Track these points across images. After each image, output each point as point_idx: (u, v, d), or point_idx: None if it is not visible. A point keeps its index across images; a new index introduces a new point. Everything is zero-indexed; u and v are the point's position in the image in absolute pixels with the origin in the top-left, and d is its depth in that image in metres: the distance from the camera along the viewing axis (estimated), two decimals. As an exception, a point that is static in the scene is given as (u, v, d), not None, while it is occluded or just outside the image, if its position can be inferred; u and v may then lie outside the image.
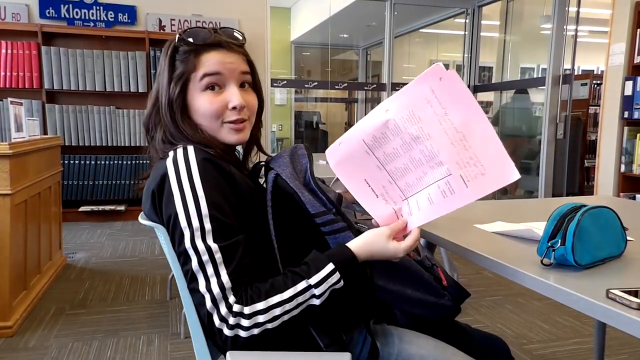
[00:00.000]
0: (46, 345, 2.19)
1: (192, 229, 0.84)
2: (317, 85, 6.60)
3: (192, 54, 0.95)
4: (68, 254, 3.52)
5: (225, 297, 0.82)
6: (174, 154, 0.90)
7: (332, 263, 0.86)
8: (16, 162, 2.31)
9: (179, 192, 0.86)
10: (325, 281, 0.85)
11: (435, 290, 1.01)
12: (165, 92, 0.96)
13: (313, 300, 0.85)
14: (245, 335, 0.82)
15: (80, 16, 4.76)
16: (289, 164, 0.96)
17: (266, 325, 0.83)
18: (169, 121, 0.96)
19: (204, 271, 0.83)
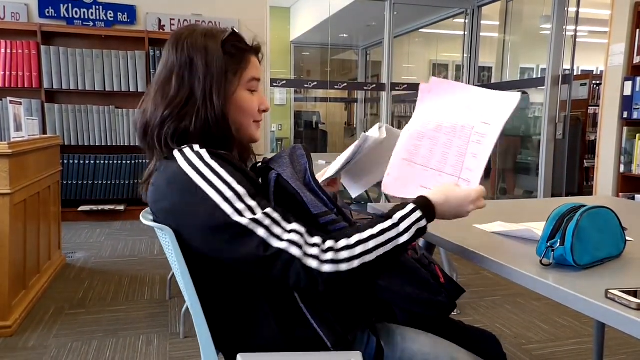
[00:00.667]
0: (45, 345, 2.19)
1: (240, 212, 0.83)
2: (317, 85, 6.60)
3: (245, 53, 0.98)
4: (67, 254, 3.52)
5: (306, 241, 0.83)
6: (182, 154, 0.89)
7: (412, 203, 0.90)
8: (15, 162, 2.31)
9: (209, 186, 0.85)
10: (408, 217, 0.88)
11: (433, 288, 1.03)
12: (218, 83, 0.94)
13: (400, 238, 0.86)
14: (346, 268, 0.82)
15: (79, 16, 4.76)
16: (289, 165, 0.97)
17: (364, 258, 0.83)
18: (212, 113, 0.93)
19: (273, 233, 0.83)
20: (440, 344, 1.01)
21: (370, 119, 8.76)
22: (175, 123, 0.92)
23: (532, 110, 6.34)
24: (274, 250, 0.82)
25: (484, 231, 1.14)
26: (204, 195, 0.84)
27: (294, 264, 0.82)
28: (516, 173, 6.38)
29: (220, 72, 0.94)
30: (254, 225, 0.83)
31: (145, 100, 0.98)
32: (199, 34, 0.96)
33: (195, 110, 0.92)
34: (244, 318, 0.94)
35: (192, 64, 0.94)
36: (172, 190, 0.88)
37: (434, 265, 1.07)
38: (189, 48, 0.94)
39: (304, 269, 0.81)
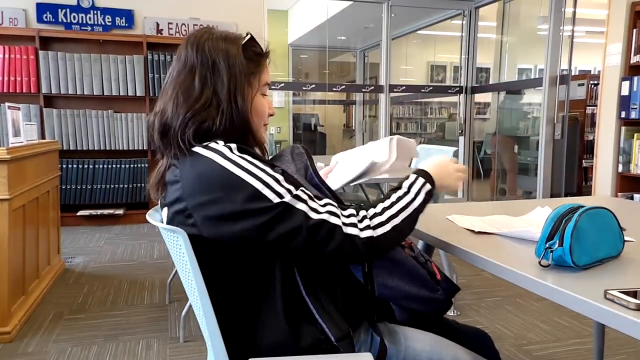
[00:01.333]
0: (45, 350, 2.19)
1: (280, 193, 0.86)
2: (315, 87, 6.61)
3: (261, 58, 1.02)
4: (66, 259, 3.52)
5: (340, 210, 0.90)
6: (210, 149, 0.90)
7: (413, 173, 1.01)
8: (14, 167, 2.31)
9: (247, 174, 0.87)
10: (415, 184, 0.98)
11: (430, 285, 1.05)
12: (242, 85, 0.96)
13: (415, 202, 0.96)
14: (381, 231, 0.90)
15: (77, 20, 4.76)
16: (291, 162, 1.00)
17: (393, 221, 0.92)
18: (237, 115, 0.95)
19: (311, 206, 0.88)
20: (442, 342, 1.03)
21: (368, 121, 8.77)
22: (198, 123, 0.93)
23: (531, 111, 6.35)
24: (316, 221, 0.87)
25: (482, 232, 1.14)
26: (243, 183, 0.86)
27: (335, 232, 0.87)
28: (516, 173, 6.39)
29: (243, 75, 0.96)
30: (295, 201, 0.87)
31: (162, 101, 0.97)
32: (218, 37, 0.98)
33: (220, 112, 0.94)
34: (253, 316, 0.94)
35: (215, 65, 0.95)
36: (210, 184, 0.87)
37: (430, 263, 1.08)
38: (210, 50, 0.95)
39: (345, 236, 0.87)
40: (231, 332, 0.96)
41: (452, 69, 8.22)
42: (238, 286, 0.94)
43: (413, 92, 7.30)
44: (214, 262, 0.93)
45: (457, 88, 6.18)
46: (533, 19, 6.25)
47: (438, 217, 1.30)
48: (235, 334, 0.96)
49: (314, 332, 0.92)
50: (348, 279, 1.02)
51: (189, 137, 0.92)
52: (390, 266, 1.02)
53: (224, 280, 0.94)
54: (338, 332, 0.92)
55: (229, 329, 0.95)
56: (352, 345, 0.93)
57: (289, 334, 0.91)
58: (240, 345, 0.96)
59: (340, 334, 0.92)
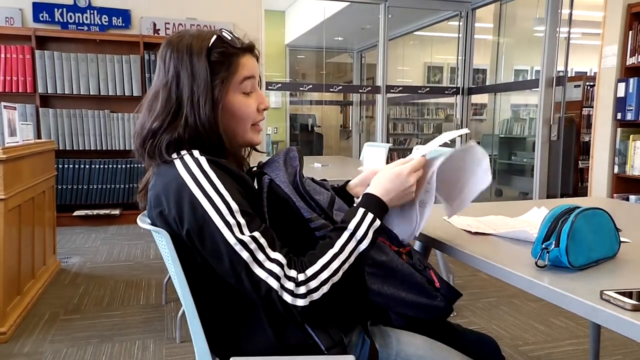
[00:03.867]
0: (40, 350, 2.18)
1: (230, 226, 0.85)
2: (312, 88, 6.61)
3: (234, 56, 0.96)
4: (62, 259, 3.50)
5: (285, 273, 0.85)
6: (182, 161, 0.90)
7: (361, 207, 0.94)
8: (10, 167, 2.30)
9: (203, 196, 0.86)
10: (362, 223, 0.92)
11: (428, 292, 1.03)
12: (205, 93, 0.93)
13: (361, 246, 0.90)
14: (318, 296, 0.85)
15: (74, 20, 4.75)
16: (282, 168, 0.98)
17: (332, 279, 0.87)
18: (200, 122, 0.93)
19: (257, 258, 0.85)
20: (436, 347, 1.01)
21: (365, 122, 8.78)
22: (169, 135, 0.93)
23: (527, 112, 6.37)
24: (255, 278, 0.85)
25: (479, 233, 1.14)
26: (197, 204, 0.86)
27: (271, 294, 0.84)
28: (510, 174, 6.41)
29: (206, 81, 0.93)
30: (240, 247, 0.84)
31: (139, 112, 1.00)
32: (185, 42, 0.95)
33: (184, 120, 0.93)
34: (239, 322, 0.94)
35: (179, 77, 0.94)
36: (167, 196, 0.89)
37: (429, 270, 1.07)
38: (175, 60, 0.95)
39: (280, 301, 0.84)
40: (217, 333, 0.96)
41: (449, 70, 8.24)
42: (222, 290, 0.94)
43: (410, 93, 7.31)
44: (197, 265, 0.93)
45: (453, 89, 6.20)
46: (530, 21, 6.27)
47: (434, 218, 1.30)
48: (221, 336, 0.96)
49: (301, 337, 0.91)
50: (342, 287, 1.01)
51: (160, 147, 0.93)
52: (385, 274, 1.01)
53: (208, 282, 0.94)
54: (329, 340, 0.91)
55: (215, 330, 0.96)
56: (343, 352, 0.92)
57: (274, 338, 0.91)
58: (226, 346, 0.96)
59: (331, 343, 0.91)
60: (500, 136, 6.54)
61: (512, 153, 6.33)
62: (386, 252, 1.02)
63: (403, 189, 0.97)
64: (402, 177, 0.97)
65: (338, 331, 0.93)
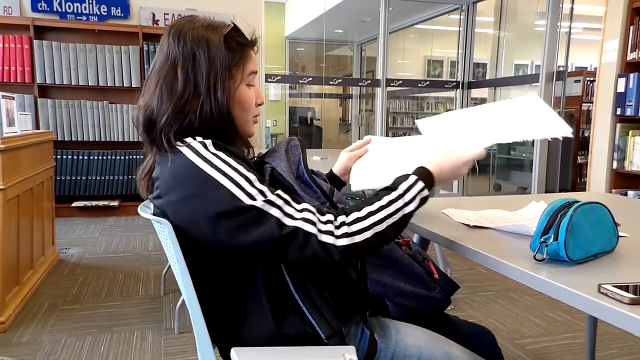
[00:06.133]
0: (39, 340, 2.18)
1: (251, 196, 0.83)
2: (312, 80, 6.59)
3: (245, 48, 0.98)
4: (61, 250, 3.51)
5: (319, 218, 0.85)
6: (189, 147, 0.88)
7: (413, 174, 0.95)
8: (8, 157, 2.30)
9: (219, 173, 0.84)
10: (412, 187, 0.92)
11: (426, 283, 1.04)
12: (222, 80, 0.92)
13: (407, 208, 0.90)
14: (360, 239, 0.85)
15: (72, 10, 4.72)
16: (284, 157, 0.97)
17: (376, 228, 0.87)
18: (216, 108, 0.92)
19: (286, 212, 0.84)
20: (434, 338, 1.02)
21: (365, 115, 8.76)
22: (181, 119, 0.91)
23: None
24: (290, 229, 0.83)
25: (477, 226, 1.15)
26: (215, 183, 0.84)
27: (310, 240, 0.83)
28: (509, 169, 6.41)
29: (223, 68, 0.92)
30: (268, 206, 0.83)
31: (145, 95, 0.95)
32: (200, 26, 0.93)
33: (199, 105, 0.91)
34: (240, 311, 0.94)
35: (195, 57, 0.92)
36: (181, 181, 0.87)
37: (427, 261, 1.08)
38: (191, 41, 0.92)
39: (320, 244, 0.83)
40: (218, 323, 0.96)
41: (449, 64, 8.22)
42: (223, 279, 0.94)
43: (410, 86, 7.30)
44: (199, 255, 0.92)
45: (453, 83, 6.18)
46: (530, 15, 6.25)
47: (433, 211, 1.30)
48: (221, 326, 0.96)
49: (302, 326, 0.91)
50: (340, 275, 1.01)
51: (169, 136, 0.90)
52: (385, 263, 1.02)
53: (209, 272, 0.94)
54: (329, 329, 0.91)
55: (215, 320, 0.96)
56: (343, 342, 0.92)
57: (275, 328, 0.91)
58: (226, 336, 0.96)
59: (330, 331, 0.91)
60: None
61: (511, 148, 6.33)
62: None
63: (453, 175, 1.00)
64: (459, 164, 1.00)
65: (338, 321, 0.93)
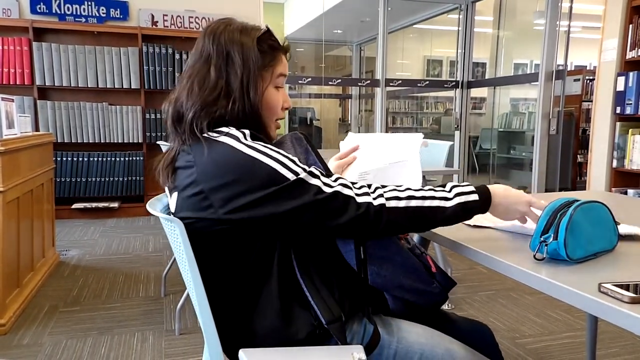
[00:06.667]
0: (40, 342, 2.18)
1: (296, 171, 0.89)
2: (311, 81, 6.59)
3: (277, 51, 1.03)
4: (61, 252, 3.50)
5: (353, 185, 0.92)
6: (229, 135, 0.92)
7: (472, 186, 0.98)
8: (8, 159, 2.30)
9: (264, 155, 0.89)
10: (463, 194, 0.95)
11: (425, 278, 1.06)
12: (254, 79, 0.98)
13: (446, 203, 0.93)
14: (393, 204, 0.90)
15: (71, 12, 4.72)
16: (291, 147, 1.02)
17: (410, 201, 0.92)
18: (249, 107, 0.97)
19: (325, 181, 0.90)
20: (435, 335, 1.03)
21: (364, 115, 8.76)
22: (212, 112, 0.95)
23: (526, 106, 6.36)
24: (330, 193, 0.89)
25: (478, 226, 1.15)
26: (259, 163, 0.88)
27: (350, 202, 0.89)
28: (509, 168, 6.41)
29: (256, 68, 0.98)
30: (309, 177, 0.89)
31: (176, 90, 1.01)
32: (235, 28, 1.00)
33: (231, 102, 0.96)
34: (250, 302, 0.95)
35: (229, 57, 0.97)
36: (227, 167, 0.89)
37: (425, 256, 1.09)
38: (226, 41, 0.98)
39: (357, 205, 0.89)
40: (226, 320, 0.97)
41: (448, 64, 8.22)
42: (236, 271, 0.95)
43: (409, 86, 7.29)
44: (212, 250, 0.94)
45: (453, 83, 6.18)
46: (529, 14, 6.25)
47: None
48: (230, 322, 0.97)
49: (307, 317, 0.93)
50: (343, 268, 1.03)
51: (202, 125, 0.94)
52: (384, 255, 1.03)
53: (221, 267, 0.96)
54: (329, 315, 0.93)
55: (224, 317, 0.96)
56: (343, 330, 0.94)
57: (282, 318, 0.93)
58: (234, 333, 0.97)
59: (331, 317, 0.93)
60: (499, 130, 6.53)
61: (511, 147, 6.34)
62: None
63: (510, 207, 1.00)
64: (520, 203, 1.01)
65: (339, 309, 0.95)
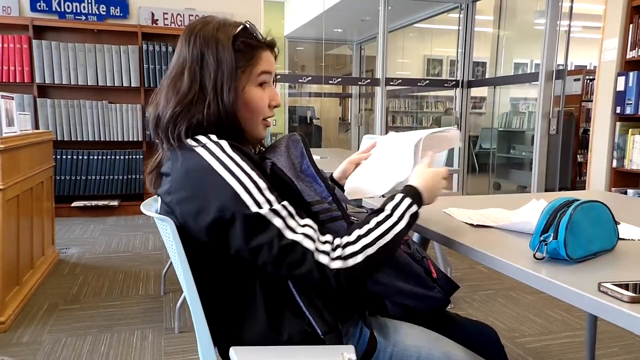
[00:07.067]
0: (40, 340, 2.18)
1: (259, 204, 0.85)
2: (311, 80, 6.59)
3: (256, 49, 0.98)
4: (61, 250, 3.50)
5: (319, 237, 0.87)
6: (205, 148, 0.89)
7: (399, 193, 0.97)
8: (7, 157, 2.30)
9: (232, 177, 0.86)
10: (399, 206, 0.94)
11: (425, 283, 1.04)
12: (229, 81, 0.94)
13: (397, 227, 0.91)
14: (352, 263, 0.86)
15: (71, 9, 4.71)
16: (284, 152, 0.98)
17: (367, 251, 0.87)
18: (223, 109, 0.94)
19: (289, 225, 0.85)
20: (433, 338, 1.01)
21: (364, 114, 8.76)
22: (188, 118, 0.93)
23: (526, 106, 6.36)
24: (289, 241, 0.84)
25: (478, 225, 1.15)
26: (225, 184, 0.85)
27: (307, 256, 0.84)
28: (509, 167, 6.42)
29: (231, 68, 0.94)
30: (272, 215, 0.85)
31: (157, 94, 0.99)
32: (211, 27, 0.96)
33: (206, 105, 0.93)
34: (239, 310, 0.94)
35: (203, 58, 0.94)
36: (193, 179, 0.88)
37: (426, 260, 1.08)
38: (200, 42, 0.95)
39: (315, 263, 0.84)
40: (218, 321, 0.97)
41: (448, 63, 8.22)
42: (224, 278, 0.94)
43: (409, 85, 7.30)
44: (201, 254, 0.93)
45: (453, 82, 6.18)
46: (530, 13, 6.25)
47: (435, 211, 1.30)
48: (221, 324, 0.97)
49: (299, 324, 0.92)
50: None
51: (179, 132, 0.92)
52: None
53: (210, 270, 0.95)
54: (325, 325, 0.91)
55: (216, 319, 0.96)
56: (339, 339, 0.92)
57: (273, 326, 0.91)
58: (226, 335, 0.97)
59: (327, 328, 0.91)
60: (499, 129, 6.53)
61: (511, 146, 6.34)
62: None
63: (435, 190, 1.01)
64: (438, 177, 1.01)
65: (334, 319, 0.93)
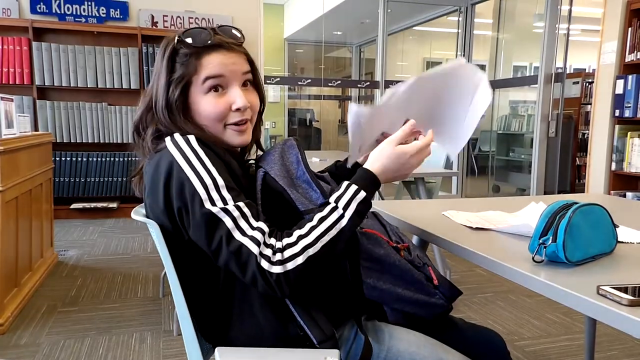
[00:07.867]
0: (38, 342, 2.18)
1: (213, 200, 0.84)
2: (311, 82, 6.60)
3: (192, 57, 0.94)
4: (60, 252, 3.50)
5: (265, 240, 0.83)
6: (172, 139, 0.90)
7: (345, 181, 0.90)
8: (7, 159, 2.30)
9: (192, 171, 0.85)
10: (344, 195, 0.87)
11: (426, 289, 1.02)
12: (163, 95, 0.95)
13: (343, 220, 0.86)
14: (292, 266, 0.82)
15: (71, 12, 4.72)
16: (278, 160, 0.96)
17: (308, 251, 0.83)
18: (167, 122, 0.95)
19: (239, 226, 0.83)
20: (429, 344, 0.99)
21: (364, 117, 8.75)
22: (151, 128, 0.96)
23: (525, 108, 6.36)
24: (235, 244, 0.83)
25: (477, 228, 1.15)
26: (185, 178, 0.85)
27: (249, 261, 0.82)
28: (508, 170, 6.42)
29: (165, 81, 0.95)
30: (223, 214, 0.83)
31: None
32: (165, 41, 0.98)
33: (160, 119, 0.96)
34: (228, 311, 0.93)
35: (155, 71, 0.99)
36: (158, 173, 0.89)
37: (427, 267, 1.06)
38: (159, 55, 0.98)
39: (258, 268, 0.82)
40: (208, 324, 0.96)
41: (447, 66, 8.21)
42: (212, 279, 0.93)
43: (409, 88, 7.28)
44: (187, 255, 0.93)
45: (452, 84, 6.18)
46: (529, 17, 6.26)
47: (434, 213, 1.30)
48: (212, 326, 0.96)
49: (291, 328, 0.91)
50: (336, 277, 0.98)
51: (147, 142, 0.95)
52: (380, 269, 1.00)
53: (197, 272, 0.94)
54: (320, 334, 0.90)
55: (206, 320, 0.96)
56: (335, 347, 0.91)
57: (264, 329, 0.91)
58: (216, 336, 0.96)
59: (322, 336, 0.90)
60: (498, 132, 6.54)
61: (510, 149, 6.34)
62: (383, 246, 1.01)
63: (402, 170, 0.94)
64: (404, 158, 0.93)
65: (330, 326, 0.92)
